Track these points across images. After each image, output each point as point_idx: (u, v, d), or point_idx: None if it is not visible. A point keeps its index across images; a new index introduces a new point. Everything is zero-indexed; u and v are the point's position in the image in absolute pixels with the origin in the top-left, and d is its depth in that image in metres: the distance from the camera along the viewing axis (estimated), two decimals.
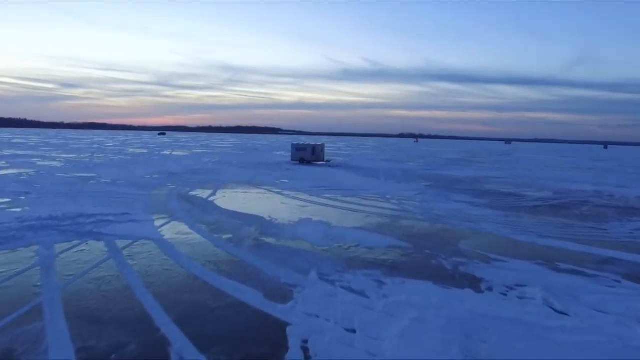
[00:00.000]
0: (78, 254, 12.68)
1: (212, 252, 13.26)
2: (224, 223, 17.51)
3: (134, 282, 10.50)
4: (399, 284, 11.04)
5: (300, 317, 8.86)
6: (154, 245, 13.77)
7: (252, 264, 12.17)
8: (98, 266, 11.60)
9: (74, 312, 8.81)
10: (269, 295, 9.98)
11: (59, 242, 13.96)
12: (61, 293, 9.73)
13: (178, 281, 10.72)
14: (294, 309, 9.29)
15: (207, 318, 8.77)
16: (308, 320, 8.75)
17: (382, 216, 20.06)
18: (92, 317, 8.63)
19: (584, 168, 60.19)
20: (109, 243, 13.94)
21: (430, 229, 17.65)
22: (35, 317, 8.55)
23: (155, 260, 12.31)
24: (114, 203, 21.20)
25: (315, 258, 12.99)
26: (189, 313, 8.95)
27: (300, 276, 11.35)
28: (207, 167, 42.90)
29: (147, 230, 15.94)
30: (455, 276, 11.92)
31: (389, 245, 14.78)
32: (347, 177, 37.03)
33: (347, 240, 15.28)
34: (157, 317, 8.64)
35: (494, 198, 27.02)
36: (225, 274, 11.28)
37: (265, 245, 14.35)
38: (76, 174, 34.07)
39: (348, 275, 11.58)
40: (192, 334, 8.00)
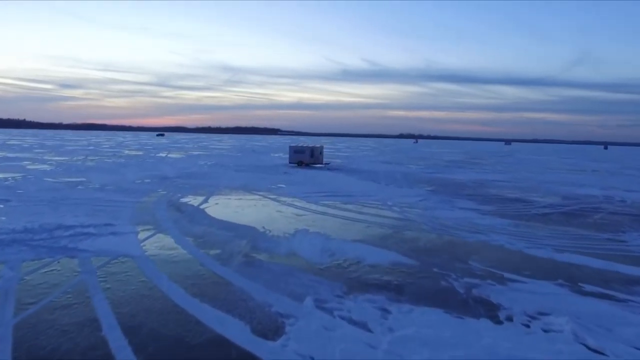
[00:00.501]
0: (46, 276, 11.32)
1: (197, 273, 11.89)
2: (213, 235, 16.15)
3: (103, 313, 9.13)
4: (406, 313, 9.69)
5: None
6: (132, 264, 12.40)
7: (240, 288, 10.81)
8: (65, 292, 10.23)
9: (24, 355, 7.43)
10: (256, 330, 8.62)
11: (27, 260, 12.60)
12: (14, 329, 8.34)
13: (154, 311, 9.35)
14: (285, 348, 7.94)
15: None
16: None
17: (383, 226, 18.71)
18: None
19: (588, 170, 58.91)
20: (83, 261, 12.58)
21: (436, 242, 16.30)
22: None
23: (132, 283, 10.94)
24: (98, 212, 19.83)
25: (311, 280, 11.63)
26: (162, 353, 7.59)
27: (293, 303, 9.99)
28: (202, 171, 41.53)
29: (128, 245, 14.57)
30: (468, 302, 10.57)
31: (392, 263, 13.43)
32: (346, 181, 35.69)
33: (346, 256, 13.93)
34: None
35: (501, 204, 25.69)
36: (208, 301, 9.91)
37: (257, 263, 12.99)
38: (64, 179, 32.70)
39: (348, 301, 10.23)
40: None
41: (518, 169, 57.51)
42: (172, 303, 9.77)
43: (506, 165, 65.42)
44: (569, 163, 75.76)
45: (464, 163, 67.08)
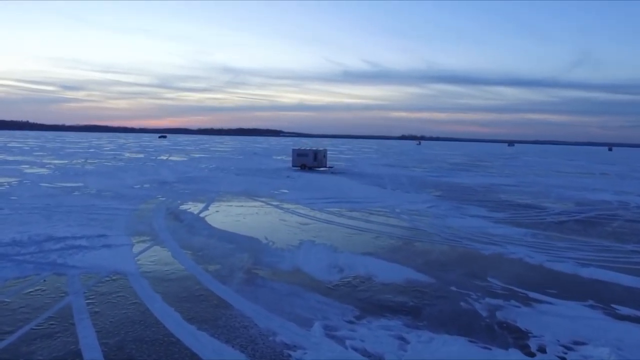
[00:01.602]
0: (29, 298, 10.34)
1: (194, 293, 10.89)
2: (213, 248, 15.15)
3: (87, 344, 8.13)
4: (425, 343, 8.67)
5: None
6: (125, 283, 11.41)
7: (240, 312, 9.80)
8: (49, 317, 9.24)
9: None
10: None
11: (10, 278, 11.63)
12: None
13: (145, 341, 8.36)
14: None
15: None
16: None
17: (393, 237, 17.69)
18: None
19: (596, 173, 57.78)
20: (71, 279, 11.59)
21: (451, 255, 15.29)
22: None
23: (122, 306, 9.94)
24: (91, 221, 18.88)
25: (318, 301, 10.62)
26: None
27: (300, 330, 8.98)
28: (203, 175, 40.58)
29: (121, 260, 13.58)
30: (493, 328, 9.55)
31: (407, 280, 12.40)
32: (350, 185, 34.68)
33: (356, 272, 12.92)
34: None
35: (513, 211, 24.64)
36: (206, 328, 8.91)
37: (259, 281, 11.98)
38: (61, 184, 31.80)
39: (361, 328, 9.21)
40: None
41: (525, 172, 56.42)
42: (165, 331, 8.76)
43: (512, 168, 64.32)
44: (575, 165, 74.61)
45: (469, 166, 66.01)
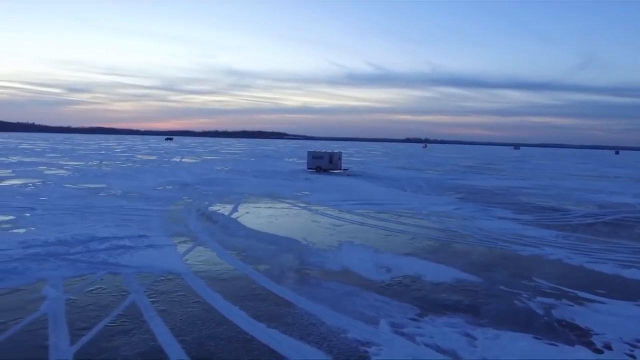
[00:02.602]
0: (92, 297, 10.54)
1: (253, 292, 11.07)
2: (256, 249, 15.34)
3: (166, 341, 8.32)
4: (493, 339, 8.81)
5: None
6: (181, 283, 11.60)
7: (305, 310, 9.96)
8: (118, 316, 9.42)
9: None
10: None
11: (68, 277, 11.84)
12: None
13: (221, 338, 8.54)
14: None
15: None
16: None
17: (429, 239, 17.83)
18: None
19: (610, 177, 57.69)
20: (127, 279, 11.79)
21: (491, 256, 15.41)
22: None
23: (187, 304, 10.13)
24: (127, 222, 19.10)
25: (377, 300, 10.78)
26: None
27: (369, 328, 9.14)
28: (221, 177, 40.82)
29: (170, 259, 13.78)
30: (554, 326, 9.68)
31: (455, 280, 12.54)
32: (371, 188, 34.82)
33: (404, 272, 13.07)
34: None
35: (539, 214, 24.72)
36: (276, 326, 9.08)
37: (312, 280, 12.15)
38: (85, 185, 32.10)
39: (426, 325, 9.36)
40: None
41: (538, 175, 56.40)
42: (237, 329, 8.94)
43: (524, 171, 64.29)
44: (586, 169, 74.47)
45: (481, 169, 66.02)
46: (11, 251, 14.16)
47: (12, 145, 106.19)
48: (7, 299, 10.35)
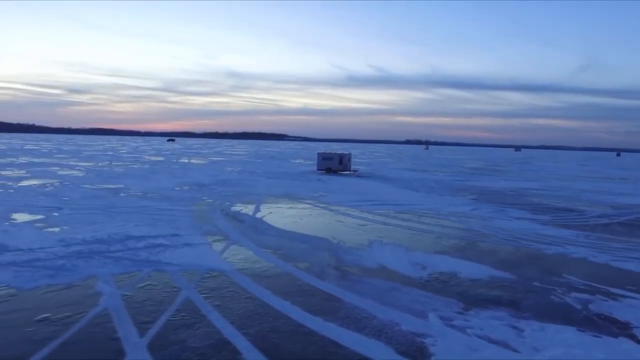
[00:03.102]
0: (145, 292, 10.93)
1: (300, 288, 11.47)
2: (289, 247, 15.73)
3: (230, 333, 8.71)
4: (539, 331, 9.23)
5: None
6: (228, 279, 11.99)
7: (353, 304, 10.37)
8: (177, 311, 9.80)
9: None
10: (401, 351, 8.17)
11: (116, 274, 12.23)
12: (150, 352, 7.94)
13: (282, 331, 8.94)
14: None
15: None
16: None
17: (454, 238, 18.25)
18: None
19: (615, 178, 58.16)
20: (174, 276, 12.19)
21: (518, 255, 15.83)
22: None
23: (240, 300, 10.53)
24: (156, 222, 19.48)
25: (420, 295, 11.19)
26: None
27: (419, 321, 9.55)
28: (234, 178, 41.21)
29: (209, 257, 14.18)
30: (593, 319, 10.09)
31: (489, 277, 12.96)
32: (384, 189, 35.24)
33: (438, 269, 13.48)
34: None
35: (554, 214, 25.14)
36: (331, 320, 9.49)
37: (353, 277, 12.56)
38: (102, 185, 32.47)
39: (473, 318, 9.77)
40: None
41: (544, 176, 56.86)
42: (295, 322, 9.34)
43: (530, 172, 64.75)
44: (591, 170, 74.93)
45: (487, 170, 66.46)
46: (53, 249, 14.56)
47: (16, 145, 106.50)
48: (65, 294, 10.74)
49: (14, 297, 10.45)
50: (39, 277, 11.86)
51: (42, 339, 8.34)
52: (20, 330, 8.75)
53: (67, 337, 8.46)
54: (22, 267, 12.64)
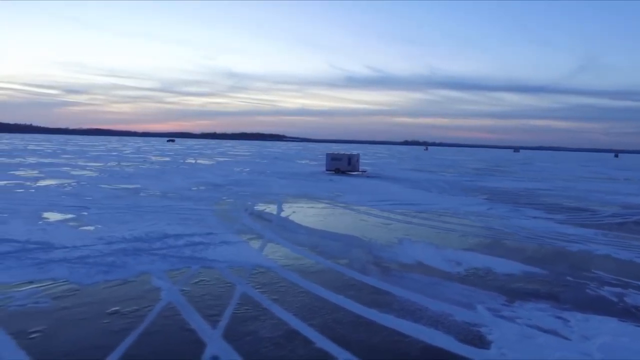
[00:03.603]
0: (202, 287, 11.44)
1: (347, 283, 12.02)
2: (324, 245, 16.28)
3: (298, 324, 9.24)
4: (584, 322, 9.81)
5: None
6: (276, 275, 12.52)
7: (404, 297, 10.92)
8: (239, 305, 10.31)
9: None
10: (463, 339, 8.73)
11: (167, 270, 12.73)
12: (227, 343, 8.46)
13: (345, 322, 9.48)
14: (505, 356, 8.03)
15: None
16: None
17: (478, 236, 18.84)
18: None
19: (619, 179, 58.98)
20: (223, 272, 12.70)
21: (544, 252, 16.43)
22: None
23: (296, 294, 11.06)
24: (185, 221, 19.96)
25: (462, 289, 11.76)
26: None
27: (469, 312, 10.12)
28: (246, 178, 41.70)
29: (251, 254, 14.72)
30: (632, 311, 10.70)
31: (522, 272, 13.55)
32: (396, 189, 35.83)
33: (472, 265, 14.07)
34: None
35: (568, 214, 25.78)
36: (387, 311, 10.05)
37: (394, 272, 13.11)
38: (119, 185, 32.91)
39: (518, 310, 10.36)
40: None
41: (548, 177, 57.61)
42: (353, 314, 9.88)
43: (534, 173, 65.54)
44: (593, 171, 75.80)
45: (492, 171, 67.18)
46: (96, 247, 15.04)
47: (19, 146, 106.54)
48: (124, 289, 11.23)
49: (78, 292, 10.93)
50: (94, 274, 12.35)
51: (120, 330, 8.84)
52: (97, 322, 9.24)
53: (144, 328, 8.96)
54: (74, 263, 13.14)
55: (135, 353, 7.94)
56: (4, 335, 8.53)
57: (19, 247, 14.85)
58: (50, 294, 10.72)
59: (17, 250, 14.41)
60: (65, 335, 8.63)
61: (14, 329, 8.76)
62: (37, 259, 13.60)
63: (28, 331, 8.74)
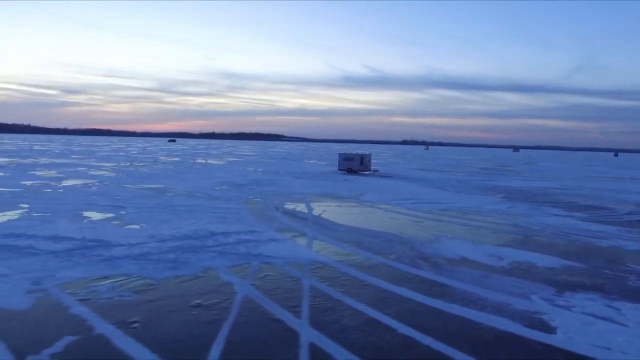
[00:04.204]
0: (269, 282, 12.16)
1: (404, 277, 12.80)
2: (366, 241, 17.04)
3: (375, 314, 10.00)
4: (634, 310, 10.64)
5: (602, 352, 8.39)
6: (334, 270, 13.28)
7: (461, 288, 11.71)
8: (312, 297, 11.03)
9: (369, 354, 8.31)
10: (527, 325, 9.52)
11: (229, 266, 13.43)
12: (319, 330, 9.22)
13: (416, 311, 10.24)
14: (572, 340, 8.82)
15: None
16: (611, 354, 8.28)
17: (509, 232, 19.65)
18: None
19: (626, 178, 59.96)
20: (284, 268, 13.42)
21: (577, 247, 17.25)
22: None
23: (361, 287, 11.82)
24: (224, 219, 20.66)
25: (512, 281, 12.56)
26: (497, 350, 8.46)
27: (526, 302, 10.92)
28: (264, 178, 42.42)
29: (302, 251, 15.48)
30: None
31: (563, 265, 14.36)
32: (413, 189, 36.63)
33: (513, 259, 14.88)
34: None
35: (587, 212, 26.63)
36: (450, 301, 10.81)
37: (443, 266, 13.89)
38: (143, 185, 33.56)
39: (571, 299, 11.17)
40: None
41: (557, 176, 58.56)
42: (422, 304, 10.65)
43: (541, 172, 66.50)
44: (597, 171, 76.85)
45: (498, 170, 68.09)
46: (151, 244, 15.74)
47: (24, 146, 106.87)
48: (198, 283, 11.94)
49: (155, 287, 11.62)
50: (162, 269, 13.05)
51: (212, 321, 9.56)
52: (187, 314, 9.96)
53: (233, 319, 9.67)
54: (139, 260, 13.83)
55: (238, 340, 8.68)
56: (109, 325, 9.24)
57: (78, 244, 15.55)
58: (130, 288, 11.42)
59: (78, 248, 15.10)
60: (164, 325, 9.36)
61: (114, 320, 9.48)
62: (100, 255, 14.30)
63: (128, 321, 9.44)
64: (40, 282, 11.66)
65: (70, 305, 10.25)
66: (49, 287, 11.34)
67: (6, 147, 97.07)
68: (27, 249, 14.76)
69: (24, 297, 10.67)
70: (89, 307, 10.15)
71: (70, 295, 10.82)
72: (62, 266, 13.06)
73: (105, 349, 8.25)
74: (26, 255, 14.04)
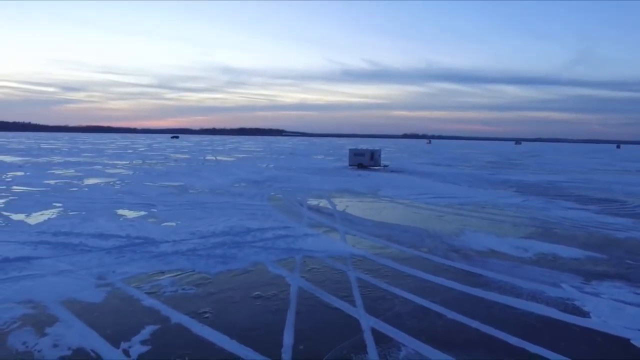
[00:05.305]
0: (318, 274, 13.00)
1: (440, 268, 13.71)
2: (396, 235, 17.95)
3: (424, 302, 10.91)
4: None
5: (636, 334, 9.31)
6: (374, 262, 14.18)
7: (495, 278, 12.64)
8: (361, 288, 11.91)
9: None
10: (561, 309, 10.45)
11: (275, 260, 14.30)
12: (375, 316, 10.15)
13: (460, 299, 11.15)
14: (606, 324, 9.74)
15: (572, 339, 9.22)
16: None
17: (529, 225, 20.55)
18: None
19: (632, 170, 60.77)
20: (327, 261, 14.29)
21: (596, 238, 18.14)
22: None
23: (402, 278, 12.73)
24: (255, 216, 21.51)
25: (542, 271, 13.47)
26: (539, 332, 9.37)
27: (557, 290, 11.83)
28: (278, 174, 43.29)
29: (339, 245, 16.37)
30: None
31: (586, 256, 15.27)
32: (427, 183, 37.53)
33: (539, 251, 15.79)
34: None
35: (600, 205, 27.50)
36: (489, 290, 11.73)
37: (474, 258, 14.81)
38: (164, 183, 34.41)
39: (599, 287, 12.08)
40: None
41: (564, 170, 59.39)
42: (462, 292, 11.58)
43: (547, 166, 67.35)
44: (603, 163, 77.69)
45: (505, 164, 68.94)
46: (193, 240, 16.62)
47: (32, 145, 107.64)
48: (251, 276, 12.84)
49: (212, 280, 12.52)
50: (213, 264, 13.94)
51: (277, 310, 10.46)
52: (250, 304, 10.87)
53: (295, 308, 10.57)
54: (189, 256, 14.73)
55: (305, 327, 9.58)
56: (182, 315, 10.15)
57: (126, 241, 16.44)
58: (189, 282, 12.32)
59: (128, 245, 16.00)
60: (233, 314, 10.27)
61: (186, 310, 10.38)
62: (151, 252, 15.21)
63: (198, 312, 10.35)
64: (104, 277, 12.54)
65: (141, 298, 11.14)
66: (114, 282, 12.23)
67: (15, 146, 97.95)
68: (80, 247, 15.64)
69: (95, 291, 11.57)
70: (158, 299, 11.04)
71: (136, 289, 11.71)
72: (118, 262, 13.94)
73: (188, 335, 9.17)
74: (81, 252, 14.94)
